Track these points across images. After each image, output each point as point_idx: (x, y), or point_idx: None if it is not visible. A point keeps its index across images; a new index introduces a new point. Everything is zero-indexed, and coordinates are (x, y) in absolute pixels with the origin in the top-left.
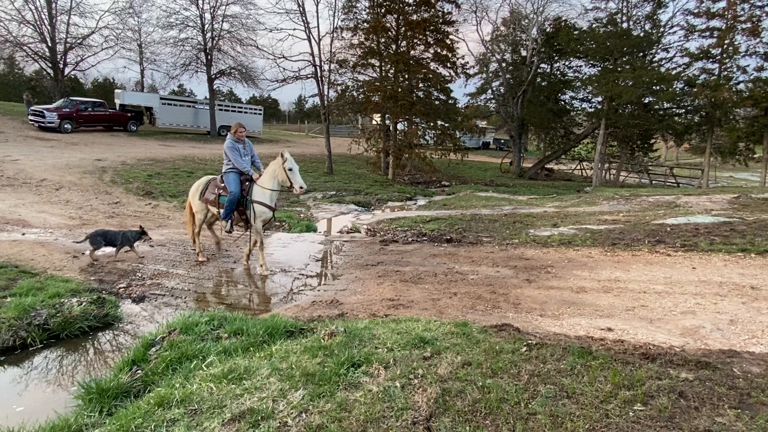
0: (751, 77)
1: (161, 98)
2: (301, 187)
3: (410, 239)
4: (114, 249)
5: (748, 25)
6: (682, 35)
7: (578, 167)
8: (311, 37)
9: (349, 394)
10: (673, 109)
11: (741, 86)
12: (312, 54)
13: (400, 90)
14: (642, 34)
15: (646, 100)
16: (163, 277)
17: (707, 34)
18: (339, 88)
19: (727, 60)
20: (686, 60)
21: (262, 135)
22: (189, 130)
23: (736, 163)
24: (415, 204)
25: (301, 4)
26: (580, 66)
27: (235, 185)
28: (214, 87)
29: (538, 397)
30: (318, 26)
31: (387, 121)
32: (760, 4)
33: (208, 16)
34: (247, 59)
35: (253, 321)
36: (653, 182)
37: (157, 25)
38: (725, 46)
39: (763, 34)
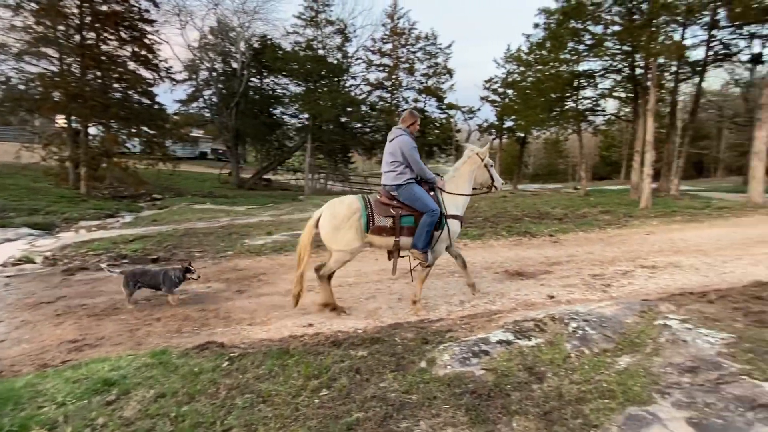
0: (411, 106)
1: None
2: (503, 183)
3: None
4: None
5: (407, 65)
6: (364, 67)
7: (293, 177)
8: None
9: None
10: (363, 129)
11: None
12: None
13: (88, 89)
14: (335, 62)
15: (343, 120)
16: None
17: (381, 68)
18: None
19: (395, 91)
20: (368, 88)
21: None
22: None
23: None
24: (118, 222)
25: None
26: (288, 84)
27: (431, 200)
28: None
29: (234, 410)
30: None
31: (76, 125)
32: (413, 50)
33: None
34: None
35: None
36: (353, 189)
37: None
38: (393, 80)
39: (416, 74)
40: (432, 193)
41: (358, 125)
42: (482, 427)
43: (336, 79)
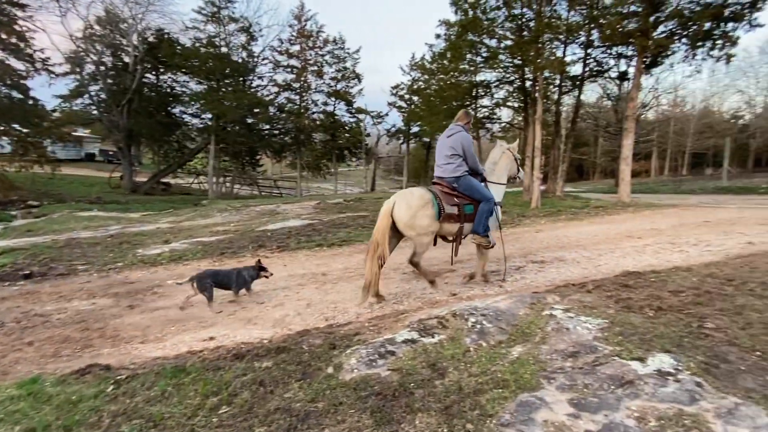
0: (321, 110)
1: None
2: (524, 174)
3: None
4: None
5: (315, 68)
6: (271, 68)
7: (196, 181)
8: None
9: None
10: (272, 131)
11: (315, 116)
12: None
13: None
14: (240, 61)
15: (249, 121)
16: None
17: (289, 70)
18: None
19: (304, 94)
20: (276, 89)
21: None
22: None
23: (319, 176)
24: None
25: None
26: (188, 82)
27: (487, 190)
28: None
29: None
30: None
31: None
32: (322, 53)
33: None
34: None
35: None
36: (262, 193)
37: None
38: (302, 82)
39: (325, 77)
40: (483, 184)
41: (267, 127)
42: (387, 428)
43: (241, 79)
